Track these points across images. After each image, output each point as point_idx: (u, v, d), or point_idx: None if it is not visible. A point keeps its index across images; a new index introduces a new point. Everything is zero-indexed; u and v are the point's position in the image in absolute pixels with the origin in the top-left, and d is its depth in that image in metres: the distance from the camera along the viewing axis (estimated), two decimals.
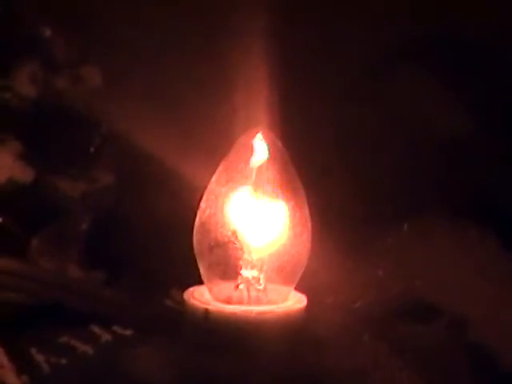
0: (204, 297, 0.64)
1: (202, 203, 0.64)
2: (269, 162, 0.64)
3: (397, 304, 0.75)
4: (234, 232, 0.64)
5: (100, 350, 0.70)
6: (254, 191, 0.64)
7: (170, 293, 0.77)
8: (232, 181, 0.64)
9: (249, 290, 0.64)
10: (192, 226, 0.65)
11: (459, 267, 0.78)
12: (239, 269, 0.64)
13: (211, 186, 0.65)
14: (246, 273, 0.64)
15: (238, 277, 0.64)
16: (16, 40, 0.83)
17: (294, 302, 0.64)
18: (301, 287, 0.66)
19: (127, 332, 0.72)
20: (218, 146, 0.66)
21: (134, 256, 0.80)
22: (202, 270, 0.64)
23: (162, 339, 0.67)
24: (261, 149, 0.64)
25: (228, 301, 0.63)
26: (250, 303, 0.63)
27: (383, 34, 0.93)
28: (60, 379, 0.66)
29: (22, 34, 0.83)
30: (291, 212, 0.64)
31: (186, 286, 0.65)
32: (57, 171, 0.82)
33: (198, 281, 0.65)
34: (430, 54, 0.93)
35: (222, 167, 0.65)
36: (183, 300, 0.64)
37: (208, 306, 0.62)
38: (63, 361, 0.68)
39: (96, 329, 0.73)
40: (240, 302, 0.63)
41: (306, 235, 0.65)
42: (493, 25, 0.92)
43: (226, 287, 0.64)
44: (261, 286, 0.64)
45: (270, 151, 0.64)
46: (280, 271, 0.64)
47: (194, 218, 0.65)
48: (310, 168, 0.66)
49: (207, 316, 0.61)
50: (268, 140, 0.64)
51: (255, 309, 0.62)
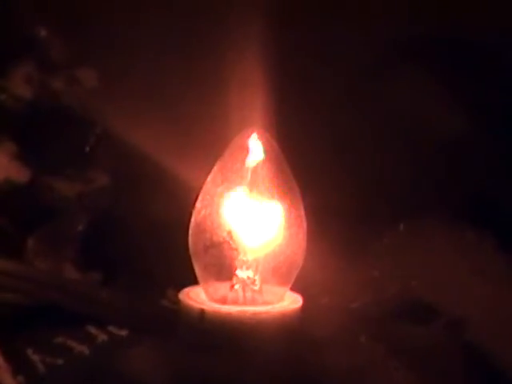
0: (199, 297, 0.64)
1: (198, 203, 0.65)
2: (264, 162, 0.64)
3: (394, 304, 0.74)
4: (230, 232, 0.64)
5: (96, 351, 0.70)
6: (250, 191, 0.64)
7: (166, 293, 0.77)
8: (227, 181, 0.64)
9: (244, 290, 0.64)
10: (188, 226, 0.65)
11: (456, 268, 0.78)
12: (234, 269, 0.64)
13: (206, 187, 0.65)
14: (242, 273, 0.64)
15: (234, 277, 0.64)
16: (11, 40, 0.83)
17: (289, 302, 0.64)
18: (297, 288, 0.66)
19: (123, 332, 0.72)
20: (213, 146, 0.66)
21: (130, 256, 0.80)
22: (198, 270, 0.64)
23: (158, 339, 0.66)
24: (256, 149, 0.64)
25: (223, 301, 0.64)
26: (245, 303, 0.63)
27: (381, 34, 0.93)
28: (56, 379, 0.66)
29: (17, 35, 0.83)
30: (286, 212, 0.64)
31: (181, 287, 0.66)
32: (52, 172, 0.82)
33: (194, 281, 0.65)
34: (429, 54, 0.93)
35: (217, 167, 0.65)
36: (179, 300, 0.64)
37: (203, 307, 0.62)
38: (59, 361, 0.68)
39: (92, 329, 0.72)
40: (235, 302, 0.64)
41: (302, 235, 0.65)
42: (492, 25, 0.92)
43: (222, 287, 0.64)
44: (256, 287, 0.64)
45: (266, 151, 0.64)
46: (275, 272, 0.64)
47: (189, 219, 0.65)
48: (305, 168, 0.66)
49: (203, 316, 0.62)
50: (263, 140, 0.64)
51: (250, 309, 0.62)
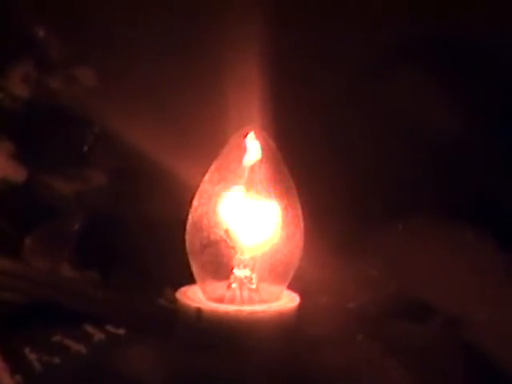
0: (197, 296, 0.64)
1: (195, 202, 0.65)
2: (261, 161, 0.64)
3: (391, 304, 0.74)
4: (227, 231, 0.64)
5: (93, 349, 0.70)
6: (247, 190, 0.64)
7: (164, 292, 0.77)
8: (224, 180, 0.64)
9: (241, 289, 0.64)
10: (185, 224, 0.65)
11: (454, 267, 0.78)
12: (231, 268, 0.64)
13: (204, 185, 0.65)
14: (239, 272, 0.64)
15: (231, 276, 0.64)
16: (10, 40, 0.83)
17: (286, 301, 0.64)
18: (294, 287, 0.66)
19: (120, 331, 0.72)
20: (210, 146, 0.66)
21: (128, 255, 0.80)
22: (195, 269, 0.64)
23: (155, 338, 0.66)
24: (253, 148, 0.64)
25: (221, 300, 0.64)
26: (242, 302, 0.64)
27: (381, 35, 0.93)
28: (53, 378, 0.66)
29: (16, 34, 0.83)
30: (283, 211, 0.64)
31: (179, 285, 0.66)
32: (50, 171, 0.82)
33: (192, 280, 0.65)
34: (429, 54, 0.93)
35: (214, 166, 0.65)
36: (176, 299, 0.64)
37: (200, 306, 0.62)
38: (56, 360, 0.68)
39: (89, 328, 0.72)
40: (232, 301, 0.64)
41: (299, 234, 0.65)
42: (491, 25, 0.92)
43: (219, 286, 0.64)
44: (253, 285, 0.64)
45: (263, 151, 0.64)
46: (272, 270, 0.65)
47: (187, 217, 0.65)
48: (302, 167, 0.66)
49: (200, 315, 0.62)
50: (260, 139, 0.64)
51: (248, 308, 0.62)
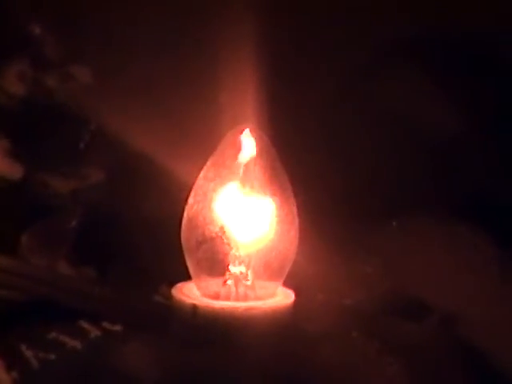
0: (192, 292, 0.64)
1: (190, 199, 0.65)
2: (256, 158, 0.64)
3: (387, 301, 0.75)
4: (222, 228, 0.64)
5: (89, 346, 0.70)
6: (242, 187, 0.64)
7: (160, 289, 0.77)
8: (220, 177, 0.64)
9: (237, 285, 0.64)
10: (181, 221, 0.65)
11: (449, 265, 0.78)
12: (227, 264, 0.64)
13: (199, 182, 0.65)
14: (234, 268, 0.64)
15: (226, 273, 0.64)
16: (5, 38, 0.83)
17: (281, 297, 0.64)
18: (289, 284, 0.66)
19: (116, 328, 0.72)
20: (206, 143, 0.66)
21: (124, 252, 0.80)
22: (190, 265, 0.64)
23: (151, 335, 0.67)
24: (248, 145, 0.64)
25: (216, 296, 0.64)
26: (237, 299, 0.64)
27: (376, 34, 0.93)
28: (49, 375, 0.66)
29: (11, 32, 0.83)
30: (278, 208, 0.64)
31: (175, 282, 0.66)
32: (47, 168, 0.82)
33: (188, 277, 0.65)
34: (425, 54, 0.93)
35: (209, 163, 0.65)
36: (171, 296, 0.64)
37: (196, 302, 0.62)
38: (52, 356, 0.68)
39: (85, 324, 0.73)
40: (228, 297, 0.64)
41: (294, 231, 0.65)
42: (488, 24, 0.92)
43: (214, 283, 0.64)
44: (249, 282, 0.64)
45: (258, 147, 0.64)
46: (267, 267, 0.64)
47: (182, 214, 0.65)
48: (297, 165, 0.66)
49: (195, 312, 0.62)
50: (256, 136, 0.64)
51: (243, 304, 0.62)
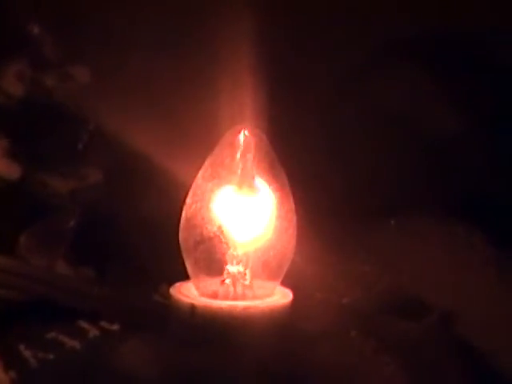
0: (191, 292, 0.64)
1: (188, 199, 0.65)
2: (254, 157, 0.64)
3: (384, 300, 0.75)
4: (220, 227, 0.64)
5: (88, 346, 0.70)
6: (240, 187, 0.64)
7: (158, 288, 0.77)
8: (218, 177, 0.64)
9: (235, 285, 0.64)
10: (179, 221, 0.65)
11: (447, 263, 0.78)
12: (225, 264, 0.64)
13: (197, 182, 0.65)
14: (232, 268, 0.64)
15: (224, 272, 0.64)
16: (4, 38, 0.83)
17: (279, 297, 0.64)
18: (288, 283, 0.66)
19: (115, 327, 0.72)
20: (204, 142, 0.66)
21: (123, 252, 0.80)
22: (189, 265, 0.65)
23: (149, 334, 0.67)
24: (246, 145, 0.64)
25: (214, 296, 0.64)
26: (236, 298, 0.64)
27: (374, 34, 0.93)
28: (48, 374, 0.66)
29: (10, 32, 0.84)
30: (276, 207, 0.64)
31: (174, 282, 0.66)
32: (45, 168, 0.82)
33: (186, 276, 0.65)
34: (423, 53, 0.93)
35: (207, 163, 0.65)
36: (170, 295, 0.64)
37: (194, 302, 0.62)
38: (51, 356, 0.68)
39: (84, 324, 0.73)
40: (226, 297, 0.64)
41: (292, 231, 0.65)
42: (487, 24, 0.92)
43: (213, 282, 0.64)
44: (247, 281, 0.64)
45: (256, 147, 0.64)
46: (265, 266, 0.65)
47: (180, 214, 0.65)
48: (296, 164, 0.67)
49: (193, 311, 0.62)
50: (253, 135, 0.65)
51: (241, 304, 0.62)
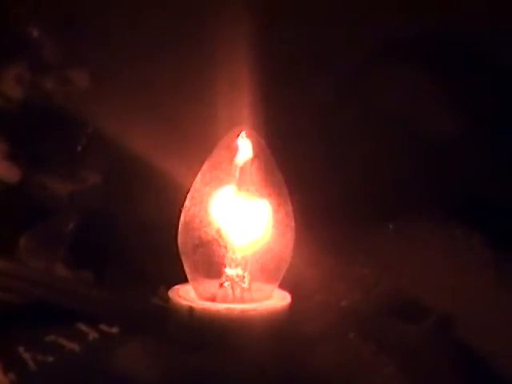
0: (189, 295, 0.64)
1: (187, 202, 0.65)
2: (253, 161, 0.64)
3: (383, 302, 0.75)
4: (218, 230, 0.64)
5: (87, 348, 0.70)
6: (238, 190, 0.64)
7: (158, 291, 0.77)
8: (216, 180, 0.65)
9: (233, 288, 0.64)
10: (177, 224, 0.65)
11: (445, 266, 0.78)
12: (223, 267, 0.64)
13: (195, 185, 0.65)
14: (231, 271, 0.64)
15: (223, 275, 0.64)
16: (3, 41, 0.83)
17: (277, 299, 0.65)
18: (286, 286, 0.66)
19: (114, 330, 0.73)
20: (202, 145, 0.66)
21: (121, 255, 0.80)
22: (187, 268, 0.65)
23: (148, 337, 0.67)
24: (245, 148, 0.64)
25: (213, 299, 0.64)
26: (234, 301, 0.64)
27: (372, 34, 0.93)
28: (47, 377, 0.66)
29: (9, 35, 0.84)
30: (274, 210, 0.65)
31: (173, 284, 0.66)
32: (44, 171, 0.82)
33: (185, 279, 0.65)
34: (422, 54, 0.93)
35: (206, 166, 0.65)
36: (168, 298, 0.64)
37: (192, 304, 0.62)
38: (50, 359, 0.68)
39: (83, 327, 0.73)
40: (224, 300, 0.64)
41: (290, 234, 0.65)
42: (486, 23, 0.92)
43: (211, 285, 0.65)
44: (245, 284, 0.64)
45: (254, 150, 0.65)
46: (264, 269, 0.65)
47: (179, 217, 0.65)
48: (294, 167, 0.67)
49: (192, 314, 0.62)
50: (252, 139, 0.65)
51: (239, 307, 0.62)
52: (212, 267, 0.65)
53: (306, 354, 0.65)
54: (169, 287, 0.65)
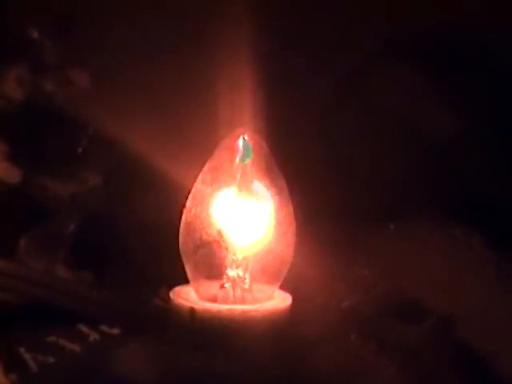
0: (190, 296, 0.64)
1: (188, 203, 0.65)
2: (253, 162, 0.64)
3: (384, 303, 0.75)
4: (219, 232, 0.64)
5: (88, 349, 0.70)
6: (239, 191, 0.64)
7: (159, 292, 0.77)
8: (217, 181, 0.65)
9: (234, 289, 0.64)
10: (178, 225, 0.65)
11: (446, 266, 0.78)
12: (224, 268, 0.64)
13: (196, 186, 0.65)
14: (232, 272, 0.64)
15: (224, 276, 0.64)
16: (4, 42, 0.83)
17: (278, 300, 0.64)
18: (287, 287, 0.66)
19: (115, 331, 0.73)
20: (203, 147, 0.66)
21: (122, 256, 0.81)
22: (188, 269, 0.65)
23: (149, 338, 0.67)
24: (245, 149, 0.65)
25: (214, 300, 0.64)
26: (235, 302, 0.64)
27: (372, 35, 0.94)
28: (48, 378, 0.66)
29: (10, 36, 0.84)
30: (275, 211, 0.64)
31: (174, 285, 0.66)
32: (45, 172, 0.82)
33: (186, 280, 0.65)
34: (421, 54, 0.93)
35: (207, 167, 0.65)
36: (169, 299, 0.64)
37: (193, 305, 0.62)
38: (51, 359, 0.68)
39: (84, 328, 0.73)
40: (226, 301, 0.64)
41: (290, 234, 0.65)
42: (486, 23, 0.92)
43: (212, 286, 0.65)
44: (246, 285, 0.64)
45: (255, 152, 0.65)
46: (265, 270, 0.65)
47: (180, 218, 0.65)
48: (294, 169, 0.67)
49: (193, 315, 0.62)
50: (253, 140, 0.65)
51: (240, 307, 0.62)
52: (213, 268, 0.65)
53: (306, 355, 0.65)
54: (170, 288, 0.65)
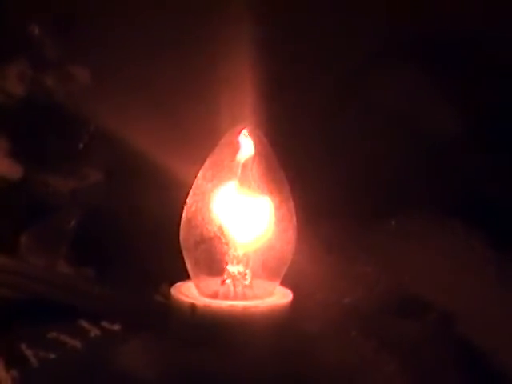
0: (191, 292, 0.64)
1: (189, 199, 0.65)
2: (254, 158, 0.64)
3: (385, 300, 0.75)
4: (220, 228, 0.64)
5: (89, 345, 0.70)
6: (240, 187, 0.64)
7: (160, 288, 0.77)
8: (218, 177, 0.64)
9: (235, 285, 0.64)
10: (179, 221, 0.65)
11: (447, 264, 0.78)
12: (225, 264, 0.64)
13: (197, 182, 0.65)
14: (232, 268, 0.64)
15: (225, 272, 0.64)
16: (5, 39, 0.83)
17: (279, 296, 0.64)
18: (288, 283, 0.67)
19: (116, 327, 0.73)
20: (204, 143, 0.66)
21: (123, 252, 0.81)
22: (189, 265, 0.65)
23: (150, 334, 0.67)
24: (246, 145, 0.64)
25: (214, 296, 0.64)
26: (236, 298, 0.64)
27: (373, 34, 0.94)
28: (49, 374, 0.66)
29: (11, 33, 0.84)
30: (276, 207, 0.64)
31: (174, 281, 0.66)
32: (46, 168, 0.82)
33: (187, 276, 0.66)
34: (422, 54, 0.93)
35: (208, 163, 0.65)
36: (170, 295, 0.64)
37: (194, 301, 0.62)
38: (52, 355, 0.68)
39: (85, 324, 0.73)
40: (226, 297, 0.64)
41: (291, 231, 0.65)
42: (486, 23, 0.92)
43: (213, 282, 0.65)
44: (247, 281, 0.64)
45: (256, 147, 0.65)
46: (265, 266, 0.65)
47: (181, 214, 0.65)
48: (295, 165, 0.67)
49: (194, 311, 0.62)
50: (253, 136, 0.65)
51: (241, 304, 0.62)
52: (214, 264, 0.64)
53: (307, 352, 0.65)
54: (171, 284, 0.65)
